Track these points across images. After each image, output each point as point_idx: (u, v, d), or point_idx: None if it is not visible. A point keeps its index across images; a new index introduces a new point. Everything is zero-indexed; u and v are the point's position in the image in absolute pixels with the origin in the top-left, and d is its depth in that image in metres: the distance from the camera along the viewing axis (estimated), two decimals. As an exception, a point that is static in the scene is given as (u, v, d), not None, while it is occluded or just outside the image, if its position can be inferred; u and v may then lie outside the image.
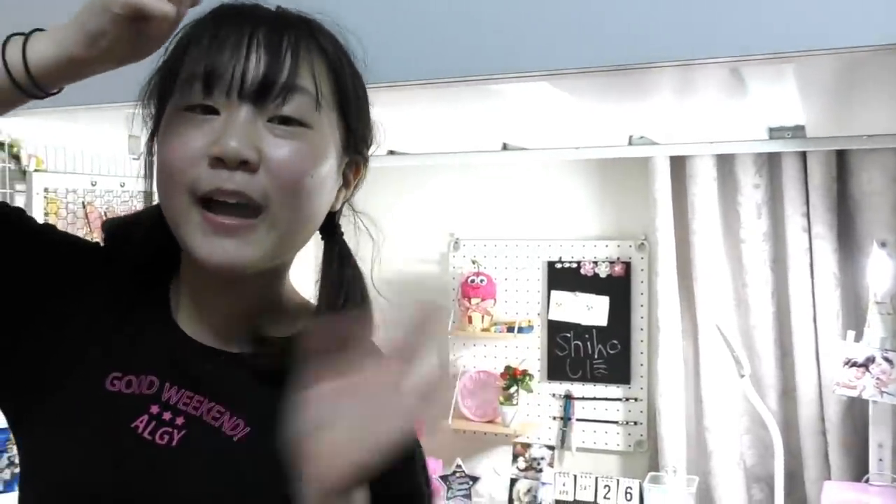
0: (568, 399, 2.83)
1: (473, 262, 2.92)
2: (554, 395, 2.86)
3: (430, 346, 0.71)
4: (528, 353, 2.88)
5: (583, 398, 2.82)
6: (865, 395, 2.12)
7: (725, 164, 2.50)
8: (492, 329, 2.85)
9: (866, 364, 2.11)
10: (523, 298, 2.90)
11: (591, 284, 2.79)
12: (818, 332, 2.38)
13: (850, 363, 2.13)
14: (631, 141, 2.40)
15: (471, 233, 2.95)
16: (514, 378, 2.82)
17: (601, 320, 2.77)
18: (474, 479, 2.74)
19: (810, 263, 2.38)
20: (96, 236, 0.97)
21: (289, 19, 0.81)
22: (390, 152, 2.56)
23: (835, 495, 2.14)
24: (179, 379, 0.82)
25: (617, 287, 2.76)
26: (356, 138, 0.85)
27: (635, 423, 2.75)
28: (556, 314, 2.83)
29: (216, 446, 0.80)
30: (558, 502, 2.63)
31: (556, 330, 2.83)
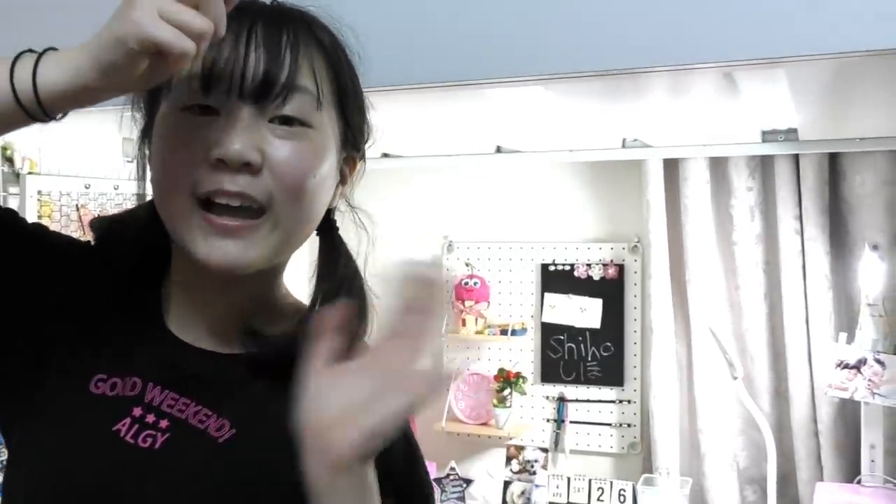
0: (561, 401, 2.84)
1: (467, 265, 2.92)
2: (547, 398, 2.86)
3: (436, 319, 0.69)
4: (522, 355, 2.89)
5: (576, 400, 2.82)
6: (857, 397, 2.13)
7: (718, 166, 2.51)
8: (485, 331, 2.86)
9: (858, 366, 2.11)
10: (517, 301, 2.90)
11: (584, 287, 2.79)
12: (810, 334, 2.38)
13: (842, 365, 2.13)
14: (624, 143, 2.41)
15: (464, 235, 2.95)
16: (507, 380, 2.82)
17: (594, 323, 2.78)
18: (468, 482, 2.75)
19: (803, 266, 2.39)
20: (90, 238, 0.96)
21: (286, 13, 0.80)
22: (384, 155, 2.56)
23: (827, 496, 2.15)
24: (165, 380, 0.80)
25: (610, 289, 2.76)
26: (354, 134, 0.84)
27: (629, 426, 2.75)
28: (549, 316, 2.83)
29: (201, 449, 0.78)
30: (552, 504, 2.64)
31: (550, 332, 2.84)
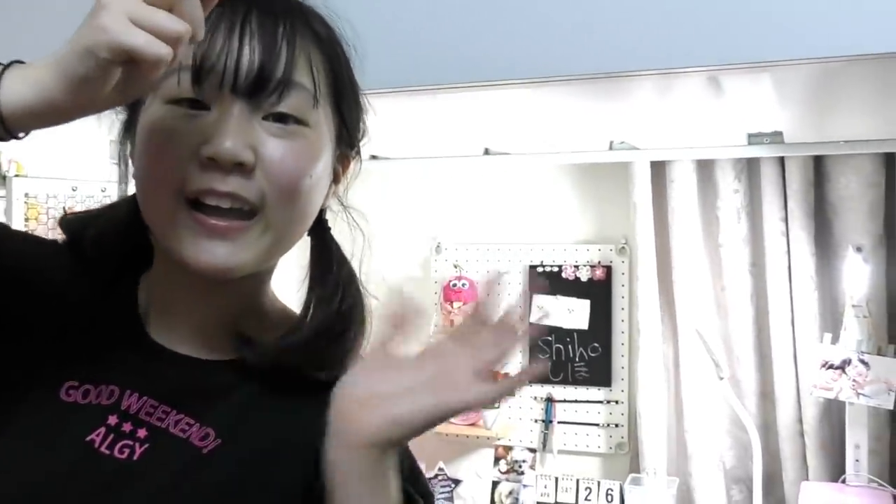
0: (549, 402, 2.85)
1: (455, 267, 2.93)
2: (535, 398, 2.87)
3: (512, 344, 0.70)
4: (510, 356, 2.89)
5: (564, 401, 2.83)
6: (842, 397, 2.15)
7: (705, 169, 2.52)
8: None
9: (843, 366, 2.13)
10: (505, 302, 2.90)
11: (572, 288, 2.80)
12: (796, 335, 2.40)
13: (827, 365, 2.15)
14: (612, 146, 2.42)
15: (452, 237, 2.96)
16: (495, 381, 2.82)
17: (582, 324, 2.79)
18: (456, 483, 2.75)
19: (788, 267, 2.40)
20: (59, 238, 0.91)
21: (283, 3, 0.75)
22: (373, 157, 2.57)
23: (812, 496, 2.17)
24: (143, 387, 0.76)
25: (598, 290, 2.78)
26: (349, 131, 0.81)
27: (616, 426, 2.76)
28: (537, 318, 2.84)
29: (183, 460, 0.74)
30: (540, 504, 2.65)
31: (538, 333, 2.84)
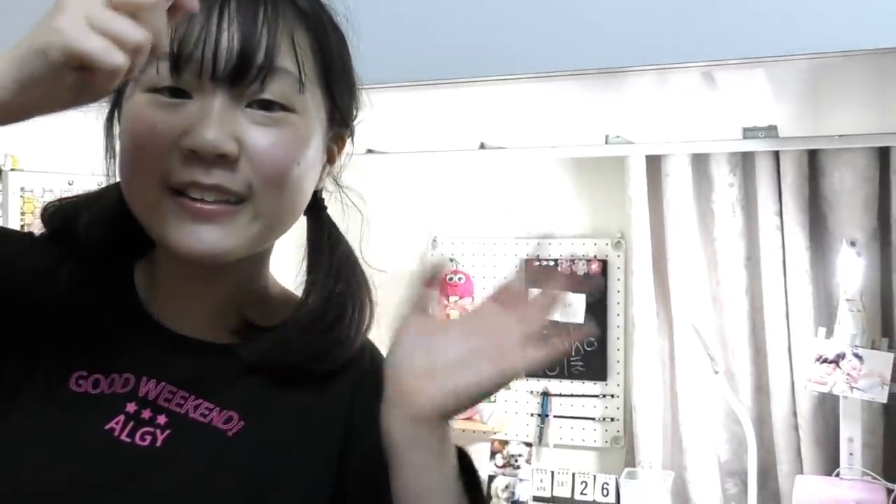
0: (545, 396, 2.86)
1: (451, 260, 2.93)
2: (531, 392, 2.88)
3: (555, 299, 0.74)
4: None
5: (560, 395, 2.84)
6: (836, 391, 2.16)
7: (700, 163, 2.53)
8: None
9: (837, 360, 2.14)
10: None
11: (568, 282, 2.80)
12: (791, 329, 2.41)
13: (822, 359, 2.16)
14: (607, 140, 2.43)
15: (449, 231, 2.96)
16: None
17: (578, 318, 2.79)
18: (453, 476, 2.76)
19: (783, 261, 2.41)
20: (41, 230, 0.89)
21: None
22: (369, 151, 2.57)
23: (807, 489, 2.18)
24: (158, 373, 0.75)
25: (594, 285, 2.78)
26: (342, 112, 0.79)
27: (612, 420, 2.77)
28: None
29: (209, 444, 0.74)
30: (536, 498, 2.66)
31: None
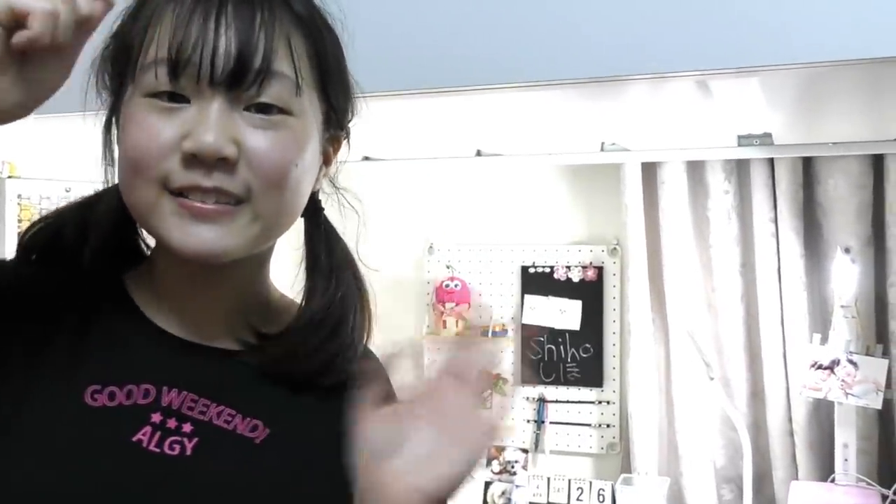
0: (541, 402, 2.86)
1: (448, 267, 2.94)
2: (527, 399, 2.88)
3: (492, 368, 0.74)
4: (502, 356, 2.91)
5: (556, 401, 2.84)
6: (831, 397, 2.16)
7: (695, 170, 2.54)
8: (466, 333, 2.87)
9: (832, 366, 2.15)
10: (497, 303, 2.92)
11: (564, 288, 2.81)
12: (786, 335, 2.42)
13: (816, 366, 2.17)
14: (603, 147, 2.44)
15: (445, 238, 2.97)
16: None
17: (574, 324, 2.80)
18: (449, 483, 2.76)
19: (778, 268, 2.42)
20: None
21: None
22: (365, 158, 2.58)
23: (802, 495, 2.19)
24: (178, 382, 0.75)
25: (589, 291, 2.79)
26: (337, 114, 0.80)
27: (608, 426, 2.78)
28: (529, 318, 2.85)
29: (237, 451, 0.74)
30: (532, 504, 2.66)
31: (530, 334, 2.86)
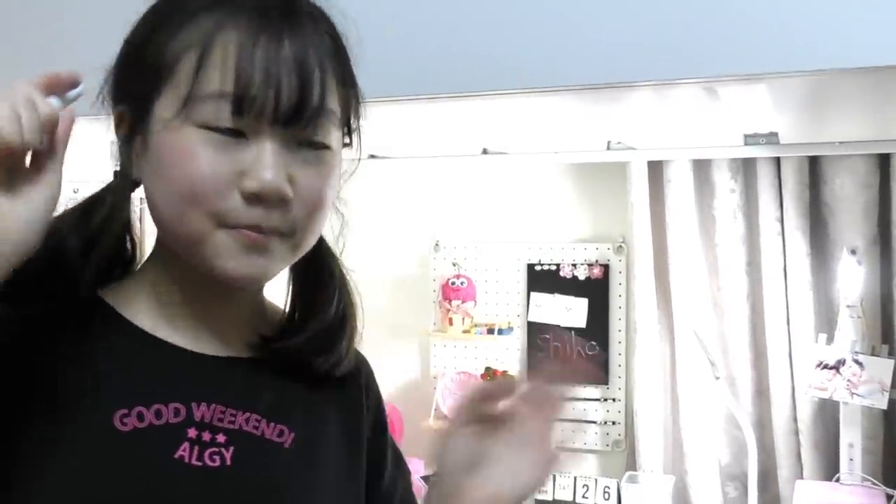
0: (547, 399, 2.86)
1: (454, 265, 2.94)
2: (533, 396, 2.88)
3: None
4: (508, 354, 2.92)
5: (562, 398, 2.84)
6: (836, 397, 2.17)
7: (702, 169, 2.54)
8: (472, 331, 2.88)
9: (837, 366, 2.15)
10: (503, 300, 2.93)
11: (570, 286, 2.82)
12: (791, 335, 2.42)
13: (822, 365, 2.17)
14: (609, 146, 2.44)
15: (451, 236, 2.97)
16: (494, 379, 2.85)
17: (580, 322, 2.81)
18: (455, 479, 2.77)
19: (784, 267, 2.42)
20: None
21: (311, 24, 0.74)
22: (371, 156, 2.58)
23: (807, 494, 2.19)
24: (204, 395, 0.76)
25: (595, 289, 2.79)
26: (351, 136, 0.84)
27: (613, 423, 2.79)
28: (535, 316, 2.86)
29: (270, 456, 0.77)
30: (538, 501, 2.67)
31: (536, 331, 2.87)
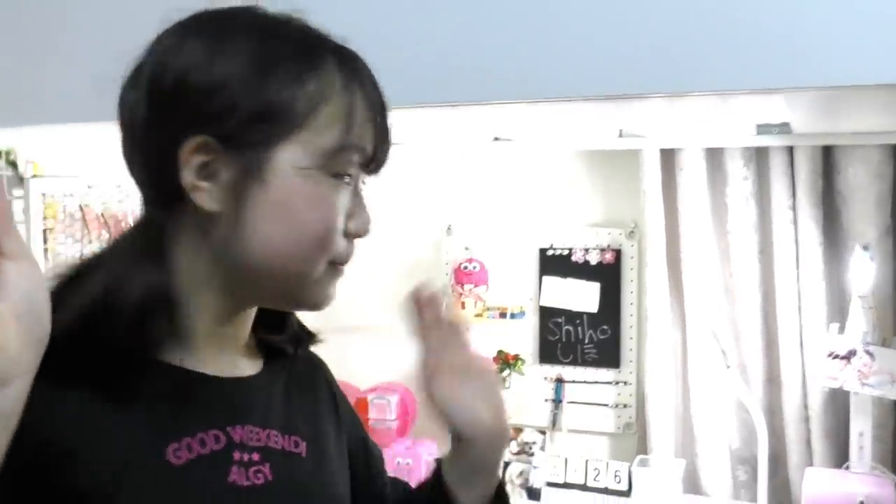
0: (559, 382, 2.89)
1: (466, 249, 2.96)
2: (545, 378, 2.92)
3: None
4: (521, 337, 2.94)
5: (574, 381, 2.88)
6: (847, 387, 2.17)
7: (714, 156, 2.52)
8: (484, 314, 2.90)
9: (848, 356, 2.16)
10: (515, 284, 2.94)
11: (582, 271, 2.83)
12: (802, 323, 2.42)
13: (833, 355, 2.18)
14: (621, 134, 2.44)
15: (464, 220, 2.98)
16: (506, 362, 2.88)
17: (592, 306, 2.82)
18: (468, 462, 2.81)
19: (796, 255, 2.42)
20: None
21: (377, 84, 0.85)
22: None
23: (817, 481, 2.21)
24: (236, 419, 0.82)
25: (607, 274, 2.80)
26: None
27: (625, 406, 2.81)
28: (547, 300, 2.88)
29: (295, 466, 0.85)
30: (549, 484, 2.71)
31: (548, 315, 2.88)
